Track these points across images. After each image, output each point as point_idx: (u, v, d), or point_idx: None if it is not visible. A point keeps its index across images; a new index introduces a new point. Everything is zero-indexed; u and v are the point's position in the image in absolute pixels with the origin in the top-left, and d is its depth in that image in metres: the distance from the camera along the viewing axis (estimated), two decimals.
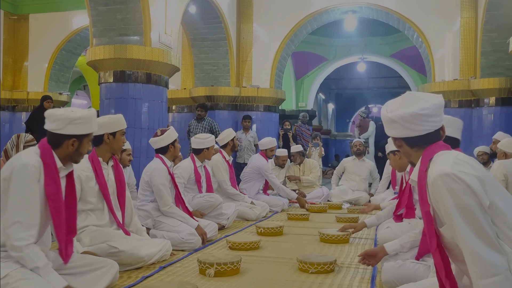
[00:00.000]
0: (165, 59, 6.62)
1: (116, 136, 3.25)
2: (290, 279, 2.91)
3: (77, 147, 2.39)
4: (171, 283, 2.57)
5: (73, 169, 2.49)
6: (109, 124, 3.24)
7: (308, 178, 7.49)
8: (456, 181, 1.57)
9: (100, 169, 3.18)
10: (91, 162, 3.17)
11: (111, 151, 3.28)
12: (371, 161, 7.82)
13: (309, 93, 15.67)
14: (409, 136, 1.78)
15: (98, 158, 3.20)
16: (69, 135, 2.35)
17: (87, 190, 3.11)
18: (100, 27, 6.52)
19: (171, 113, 9.86)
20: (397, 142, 1.85)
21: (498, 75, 8.32)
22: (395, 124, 1.79)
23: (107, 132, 3.22)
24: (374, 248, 2.88)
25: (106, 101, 6.57)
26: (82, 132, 2.38)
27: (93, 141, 3.19)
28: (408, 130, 1.77)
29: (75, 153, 2.40)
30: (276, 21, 9.68)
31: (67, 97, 10.99)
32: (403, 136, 1.80)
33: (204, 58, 9.56)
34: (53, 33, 10.58)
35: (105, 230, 3.14)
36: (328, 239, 4.04)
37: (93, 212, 3.16)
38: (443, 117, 1.80)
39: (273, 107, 9.87)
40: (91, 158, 3.19)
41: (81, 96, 19.00)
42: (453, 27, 8.87)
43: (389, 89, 21.69)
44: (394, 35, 13.80)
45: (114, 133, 3.24)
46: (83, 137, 2.40)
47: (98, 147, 3.24)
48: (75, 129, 2.35)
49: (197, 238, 3.85)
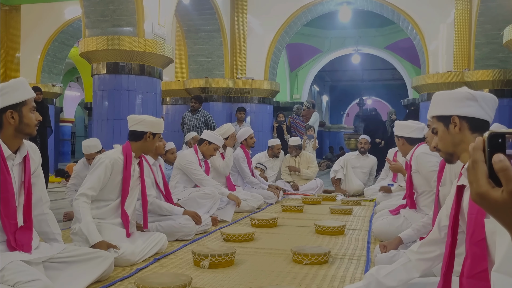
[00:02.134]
0: (159, 51, 6.57)
1: (155, 137, 3.30)
2: (284, 270, 2.92)
3: (19, 119, 2.23)
4: (165, 275, 2.57)
5: (29, 155, 2.38)
6: (155, 124, 3.29)
7: (308, 172, 7.49)
8: None
9: (130, 163, 3.19)
10: (124, 155, 3.19)
11: (144, 150, 3.30)
12: (374, 157, 7.74)
13: (303, 85, 15.66)
14: (479, 117, 1.69)
15: (131, 152, 3.22)
16: (3, 108, 2.19)
17: (110, 180, 3.13)
18: (92, 18, 6.46)
19: (165, 105, 9.82)
20: (460, 124, 1.69)
21: (492, 67, 8.34)
22: (473, 102, 1.68)
23: (151, 131, 3.26)
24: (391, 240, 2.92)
25: (100, 92, 6.53)
26: (15, 101, 2.21)
27: (133, 135, 3.26)
28: (482, 112, 1.68)
29: (21, 126, 2.24)
30: (270, 13, 9.63)
31: (60, 88, 10.91)
32: (474, 115, 1.68)
33: (198, 50, 9.51)
34: (45, 24, 10.48)
35: (106, 226, 3.13)
36: (324, 231, 4.06)
37: (101, 203, 3.17)
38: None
39: (267, 99, 9.85)
40: (125, 150, 3.20)
41: (74, 88, 18.86)
42: (447, 19, 8.87)
43: (383, 81, 21.73)
44: (388, 26, 13.80)
45: (155, 134, 3.29)
46: (20, 106, 2.23)
47: (135, 142, 3.26)
48: (5, 100, 2.19)
49: (193, 222, 3.88)
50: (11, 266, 2.13)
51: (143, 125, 3.25)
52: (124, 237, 3.14)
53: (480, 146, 0.69)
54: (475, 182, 0.68)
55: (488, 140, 0.68)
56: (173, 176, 4.91)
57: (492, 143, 0.68)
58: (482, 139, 0.69)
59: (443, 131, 1.73)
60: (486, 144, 0.68)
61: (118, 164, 3.16)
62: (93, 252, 2.61)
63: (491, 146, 0.68)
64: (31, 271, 2.16)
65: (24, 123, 2.25)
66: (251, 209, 5.47)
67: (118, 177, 3.16)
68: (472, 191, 0.68)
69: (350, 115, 25.21)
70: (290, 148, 7.63)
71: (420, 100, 9.48)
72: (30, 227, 2.37)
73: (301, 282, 2.68)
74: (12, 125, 2.23)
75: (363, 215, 5.23)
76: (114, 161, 3.13)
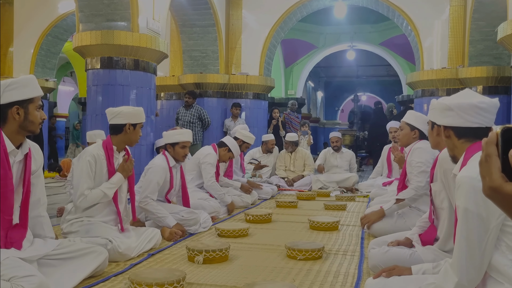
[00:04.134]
0: (153, 45, 6.54)
1: (136, 128, 3.25)
2: (278, 266, 2.92)
3: (25, 115, 2.24)
4: (159, 270, 2.57)
5: (31, 153, 2.37)
6: (133, 115, 3.23)
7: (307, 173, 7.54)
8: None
9: (112, 157, 3.17)
10: (104, 149, 3.16)
11: (127, 142, 3.27)
12: (350, 151, 7.84)
13: (298, 81, 15.64)
14: (460, 126, 1.80)
15: (112, 146, 3.19)
16: (10, 103, 2.20)
17: (96, 175, 3.12)
18: (86, 12, 6.41)
19: (159, 100, 9.79)
20: (445, 132, 1.86)
21: (486, 64, 8.37)
22: (450, 112, 1.82)
23: (130, 122, 3.21)
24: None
25: (94, 87, 6.50)
26: (22, 97, 2.22)
27: (113, 129, 3.22)
28: (462, 120, 1.79)
29: (26, 122, 2.25)
30: (265, 8, 9.61)
31: (54, 83, 10.84)
32: (455, 125, 1.81)
33: (193, 45, 9.48)
34: (39, 18, 10.38)
35: (98, 224, 3.11)
36: (318, 227, 4.07)
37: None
38: (494, 119, 1.81)
39: (262, 95, 9.84)
40: (105, 145, 3.17)
41: (68, 83, 18.75)
42: (442, 15, 8.89)
43: (378, 77, 21.75)
44: (383, 23, 13.80)
45: (135, 124, 3.24)
46: (27, 102, 2.25)
47: (115, 135, 3.22)
48: (13, 96, 2.20)
49: (196, 214, 3.91)
50: (7, 261, 2.13)
51: (121, 117, 3.20)
52: (118, 232, 3.14)
53: (493, 141, 0.68)
54: (488, 176, 0.67)
55: (502, 134, 0.68)
56: (189, 171, 4.95)
57: (505, 138, 0.67)
58: (496, 134, 0.69)
59: (429, 131, 1.95)
60: (499, 139, 0.68)
61: (99, 159, 3.14)
62: (87, 248, 2.61)
63: (504, 141, 0.67)
64: (27, 267, 2.16)
65: (29, 120, 2.26)
66: (245, 204, 5.48)
67: (103, 171, 3.15)
68: (484, 185, 0.67)
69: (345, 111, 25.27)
70: (286, 144, 7.63)
71: (414, 96, 9.50)
72: (25, 226, 2.36)
73: (295, 278, 2.69)
74: (17, 121, 2.23)
75: (357, 210, 5.25)
76: (96, 155, 3.12)
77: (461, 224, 1.56)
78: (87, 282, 2.53)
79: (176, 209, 3.91)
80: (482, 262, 1.52)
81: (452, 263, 1.58)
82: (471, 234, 1.53)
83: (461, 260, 1.54)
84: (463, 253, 1.54)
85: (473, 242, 1.52)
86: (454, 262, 1.57)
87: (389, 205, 3.67)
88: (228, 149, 5.13)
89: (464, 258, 1.53)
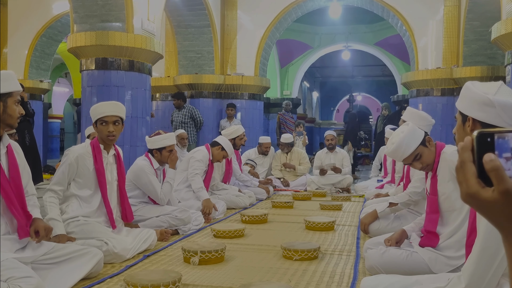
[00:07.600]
0: (148, 46, 6.52)
1: (98, 124, 3.20)
2: (274, 266, 2.92)
3: (3, 109, 2.26)
4: (155, 271, 2.56)
5: (11, 144, 2.43)
6: (94, 112, 3.21)
7: (302, 169, 7.51)
8: None
9: (100, 155, 3.17)
10: (91, 148, 3.17)
11: (100, 140, 3.24)
12: (343, 151, 7.87)
13: (293, 81, 15.65)
14: (494, 124, 1.68)
15: (99, 144, 3.20)
16: None
17: (81, 174, 3.13)
18: (81, 13, 6.38)
19: (154, 101, 9.77)
20: (473, 126, 1.71)
21: (480, 64, 8.40)
22: (490, 109, 1.67)
23: (94, 119, 3.20)
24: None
25: (88, 88, 6.47)
26: (1, 91, 2.24)
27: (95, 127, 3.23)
28: (499, 119, 1.67)
29: (4, 116, 2.28)
30: (260, 8, 9.60)
31: (48, 84, 10.79)
32: (488, 121, 1.68)
33: (188, 46, 9.46)
34: (33, 19, 10.33)
35: (94, 224, 3.10)
36: (314, 227, 4.07)
37: (83, 199, 3.16)
38: None
39: (257, 95, 9.84)
40: (92, 144, 3.19)
41: (62, 84, 18.67)
42: (436, 15, 8.92)
43: (373, 77, 21.80)
44: (378, 23, 13.83)
45: (96, 121, 3.20)
46: (6, 96, 2.27)
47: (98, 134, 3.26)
48: None
49: (189, 212, 3.95)
50: (5, 263, 2.14)
51: (92, 116, 3.24)
52: (113, 233, 3.13)
53: (468, 146, 0.67)
54: (464, 182, 0.67)
55: (477, 139, 0.66)
56: (182, 171, 4.96)
57: (480, 142, 0.66)
58: (471, 139, 0.67)
59: (460, 125, 1.77)
60: (474, 143, 0.66)
61: (85, 157, 3.15)
62: (82, 249, 2.60)
63: (479, 146, 0.66)
64: (25, 269, 2.17)
65: (8, 114, 2.28)
66: (243, 205, 5.46)
67: (89, 169, 3.15)
68: (462, 191, 0.67)
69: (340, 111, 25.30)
70: (282, 145, 7.63)
71: (409, 96, 9.53)
72: (29, 216, 2.44)
73: (291, 278, 2.69)
74: None
75: (352, 210, 5.26)
76: (79, 155, 3.13)
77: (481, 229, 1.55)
78: (82, 284, 2.52)
79: (168, 210, 3.91)
80: (496, 272, 1.53)
81: (465, 268, 1.58)
82: (488, 240, 1.52)
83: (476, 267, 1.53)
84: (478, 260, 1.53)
85: (489, 248, 1.51)
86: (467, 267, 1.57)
87: (383, 208, 3.68)
88: (221, 148, 5.07)
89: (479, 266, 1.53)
